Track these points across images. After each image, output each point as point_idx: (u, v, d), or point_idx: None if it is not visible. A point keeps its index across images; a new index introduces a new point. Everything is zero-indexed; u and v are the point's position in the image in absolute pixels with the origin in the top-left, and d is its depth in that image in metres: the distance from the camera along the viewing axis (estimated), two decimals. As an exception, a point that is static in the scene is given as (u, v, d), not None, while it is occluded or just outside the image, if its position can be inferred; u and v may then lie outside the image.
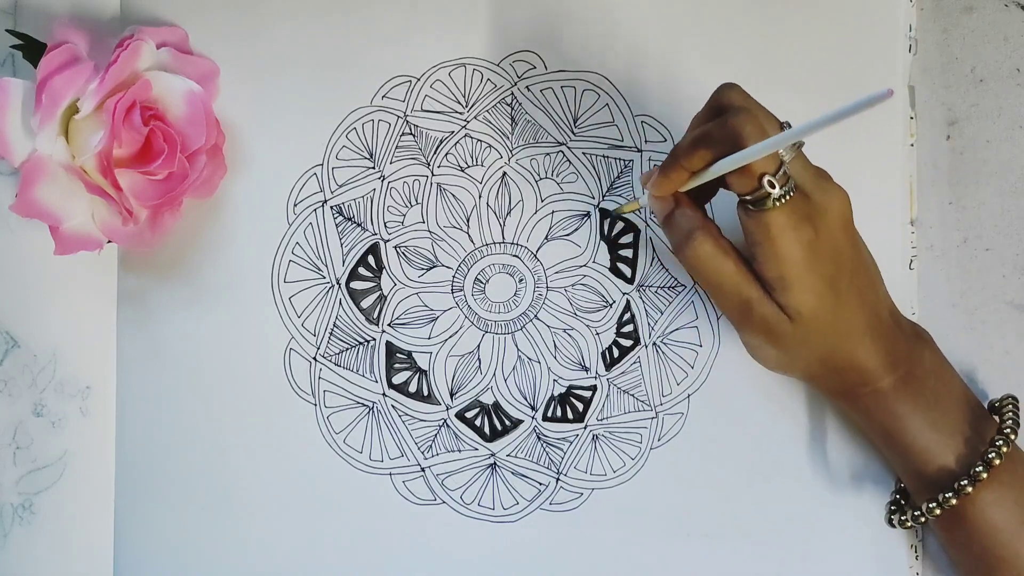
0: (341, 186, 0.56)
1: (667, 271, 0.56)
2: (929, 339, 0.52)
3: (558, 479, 0.55)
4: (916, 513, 0.50)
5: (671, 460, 0.55)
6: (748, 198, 0.46)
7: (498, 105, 0.56)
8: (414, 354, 0.56)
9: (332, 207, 0.56)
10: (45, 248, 0.52)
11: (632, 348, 0.56)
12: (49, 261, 0.54)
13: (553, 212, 0.56)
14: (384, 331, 0.56)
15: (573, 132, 0.56)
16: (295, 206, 0.56)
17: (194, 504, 0.55)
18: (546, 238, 0.56)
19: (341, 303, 0.56)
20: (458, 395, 0.56)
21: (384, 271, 0.56)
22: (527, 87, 0.56)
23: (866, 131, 0.55)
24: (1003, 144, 0.56)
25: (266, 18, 0.56)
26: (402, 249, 0.56)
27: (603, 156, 0.56)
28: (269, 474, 0.55)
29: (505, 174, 0.56)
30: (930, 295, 0.56)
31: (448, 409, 0.56)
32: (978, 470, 0.48)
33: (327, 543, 0.55)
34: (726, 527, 0.55)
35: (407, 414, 0.56)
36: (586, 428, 0.56)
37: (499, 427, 0.56)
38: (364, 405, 0.56)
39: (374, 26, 0.56)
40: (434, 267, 0.56)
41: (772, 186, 0.45)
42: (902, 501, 0.53)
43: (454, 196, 0.56)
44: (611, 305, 0.56)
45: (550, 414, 0.56)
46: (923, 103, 0.57)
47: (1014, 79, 0.57)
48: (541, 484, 0.55)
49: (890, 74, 0.56)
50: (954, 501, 0.48)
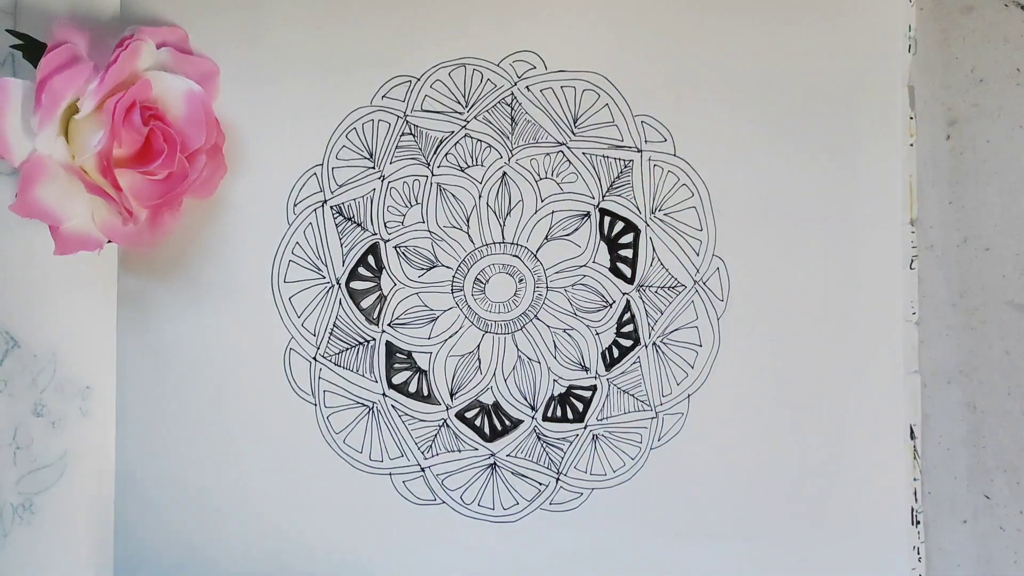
0: (341, 186, 0.56)
1: (667, 271, 0.56)
2: None
3: (558, 479, 0.55)
4: None
5: (671, 460, 0.55)
6: None
7: (498, 105, 0.56)
8: (414, 354, 0.56)
9: (332, 207, 0.56)
10: (45, 248, 0.52)
11: (632, 348, 0.56)
12: (49, 261, 0.54)
13: (553, 212, 0.56)
14: (384, 331, 0.56)
15: (573, 132, 0.56)
16: (295, 206, 0.56)
17: (194, 504, 0.55)
18: (546, 238, 0.56)
19: (341, 303, 0.56)
20: (458, 395, 0.56)
21: (384, 271, 0.56)
22: (527, 87, 0.56)
23: (866, 131, 0.55)
24: (1003, 144, 0.56)
25: (266, 18, 0.56)
26: (402, 249, 0.56)
27: (603, 156, 0.56)
28: (269, 474, 0.55)
29: (505, 174, 0.56)
30: (930, 295, 0.56)
31: (448, 409, 0.56)
32: None
33: (327, 543, 0.55)
34: (726, 527, 0.55)
35: (407, 414, 0.56)
36: (586, 428, 0.55)
37: (499, 427, 0.56)
38: (364, 405, 0.56)
39: (374, 26, 0.56)
40: (434, 267, 0.56)
41: None
42: None
43: (454, 196, 0.56)
44: (611, 305, 0.56)
45: (550, 414, 0.56)
46: (923, 103, 0.56)
47: (1014, 79, 0.57)
48: (541, 484, 0.55)
49: (890, 74, 0.56)
50: None
